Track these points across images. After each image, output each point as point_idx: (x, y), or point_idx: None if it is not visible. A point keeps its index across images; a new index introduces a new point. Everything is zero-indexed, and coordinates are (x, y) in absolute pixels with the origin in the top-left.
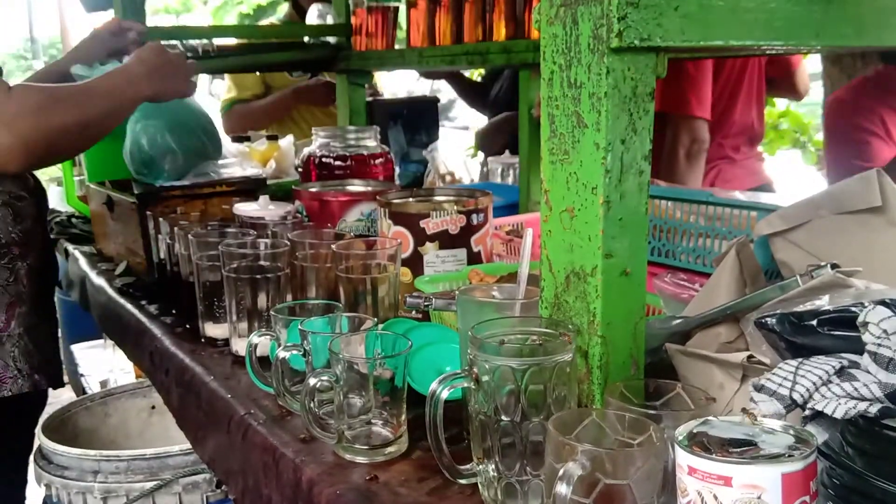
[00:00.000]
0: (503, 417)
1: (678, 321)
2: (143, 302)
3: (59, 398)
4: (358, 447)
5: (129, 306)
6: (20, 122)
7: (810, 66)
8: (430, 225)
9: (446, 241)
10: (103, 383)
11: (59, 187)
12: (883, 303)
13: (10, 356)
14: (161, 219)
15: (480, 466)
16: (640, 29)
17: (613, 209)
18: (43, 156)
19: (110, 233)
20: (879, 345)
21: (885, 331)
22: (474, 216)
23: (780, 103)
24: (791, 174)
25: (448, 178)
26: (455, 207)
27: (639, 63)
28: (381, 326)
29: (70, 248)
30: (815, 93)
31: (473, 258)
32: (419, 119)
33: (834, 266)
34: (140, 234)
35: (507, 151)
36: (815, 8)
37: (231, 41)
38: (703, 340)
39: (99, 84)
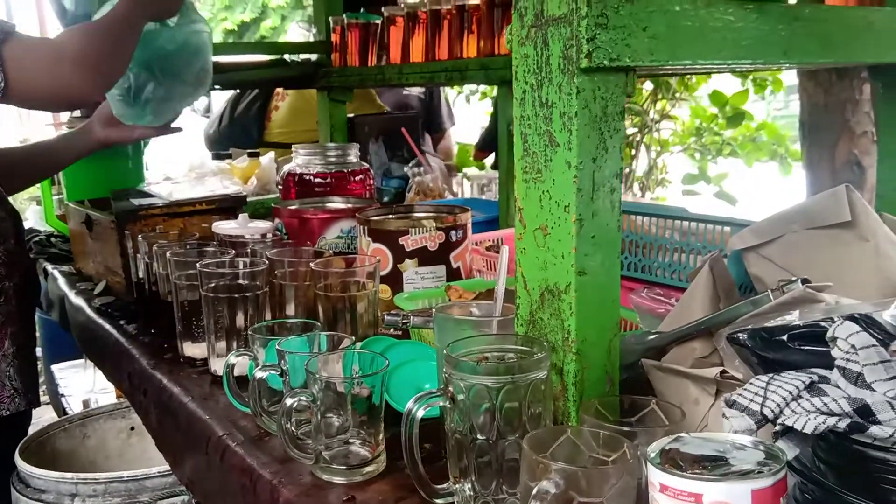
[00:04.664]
0: (479, 436)
1: (653, 336)
2: (122, 322)
3: (41, 419)
4: (335, 467)
5: (107, 326)
6: (85, 56)
7: (787, 78)
8: (409, 242)
9: (425, 257)
10: (85, 403)
11: (38, 206)
12: (851, 318)
13: (5, 375)
14: (139, 237)
15: (457, 486)
16: (609, 49)
17: (586, 227)
18: (108, 79)
19: (89, 252)
20: (848, 360)
21: (853, 346)
22: (453, 233)
23: (759, 116)
24: (768, 187)
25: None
26: (434, 224)
27: (608, 83)
28: (359, 345)
29: (49, 267)
30: (793, 106)
31: (453, 274)
32: (401, 135)
33: (804, 281)
34: (119, 253)
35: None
36: (781, 26)
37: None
38: (678, 355)
39: (115, 16)
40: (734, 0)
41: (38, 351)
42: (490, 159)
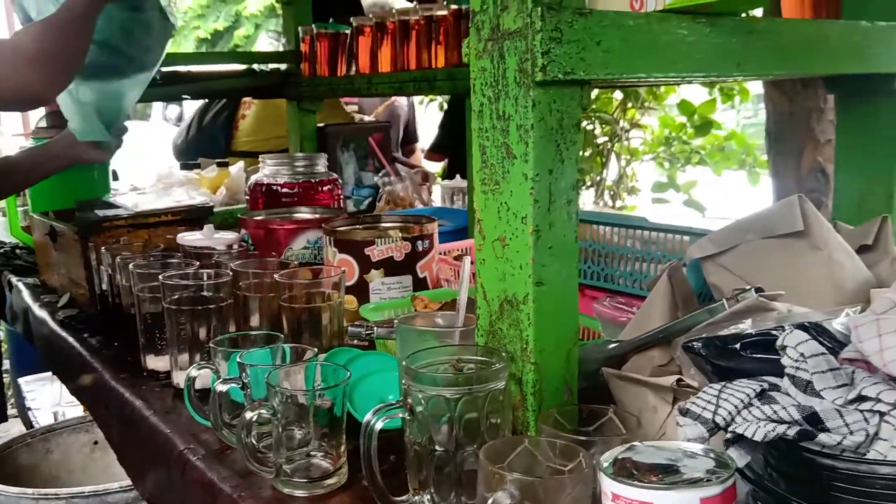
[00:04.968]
0: (437, 447)
1: (613, 345)
2: (85, 334)
3: (8, 432)
4: (297, 480)
5: (70, 339)
6: (42, 53)
7: (752, 87)
8: (375, 252)
9: (392, 268)
10: (54, 416)
11: (2, 217)
12: (801, 326)
13: None
14: (103, 249)
15: (416, 497)
16: (564, 63)
17: (543, 238)
18: (67, 74)
19: (54, 264)
20: (797, 368)
21: (802, 354)
22: (419, 243)
23: (729, 124)
24: (737, 195)
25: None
26: (400, 234)
27: (563, 96)
28: (323, 356)
29: (14, 279)
30: (762, 114)
31: (419, 284)
32: (373, 145)
33: (758, 290)
34: (83, 265)
35: (457, 176)
36: (735, 39)
37: None
38: (637, 364)
39: (70, 9)
40: (687, 14)
41: (6, 363)
42: (439, 165)
